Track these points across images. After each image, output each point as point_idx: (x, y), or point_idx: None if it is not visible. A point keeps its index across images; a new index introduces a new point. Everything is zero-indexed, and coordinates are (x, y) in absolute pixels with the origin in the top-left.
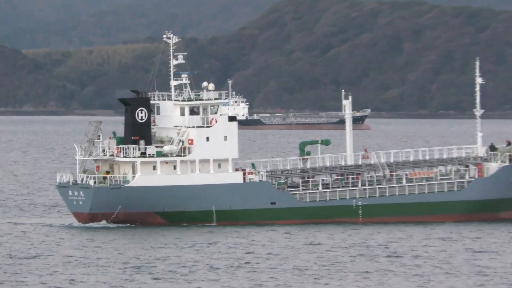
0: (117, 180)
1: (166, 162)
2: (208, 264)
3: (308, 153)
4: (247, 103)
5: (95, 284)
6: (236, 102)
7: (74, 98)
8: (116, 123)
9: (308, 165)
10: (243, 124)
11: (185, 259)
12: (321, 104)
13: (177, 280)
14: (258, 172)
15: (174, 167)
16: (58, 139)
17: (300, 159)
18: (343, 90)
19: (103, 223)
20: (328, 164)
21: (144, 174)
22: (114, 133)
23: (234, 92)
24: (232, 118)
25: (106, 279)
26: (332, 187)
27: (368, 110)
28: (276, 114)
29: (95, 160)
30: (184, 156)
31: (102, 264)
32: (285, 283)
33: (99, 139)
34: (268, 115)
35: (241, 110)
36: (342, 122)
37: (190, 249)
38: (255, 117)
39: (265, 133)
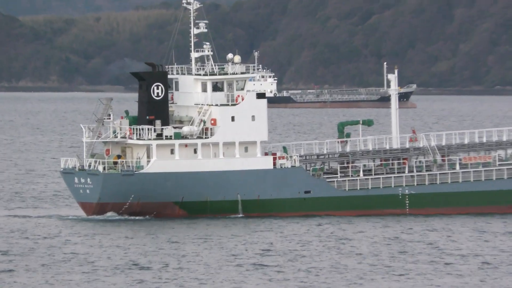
0: (129, 166)
1: (186, 145)
2: (233, 263)
3: (348, 135)
4: (276, 78)
5: None
6: (263, 77)
7: (79, 71)
8: (128, 100)
9: (348, 149)
10: (271, 102)
11: (207, 259)
12: (360, 79)
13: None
14: (290, 156)
15: (195, 151)
16: (60, 119)
17: (338, 141)
18: (385, 63)
19: (112, 214)
20: (370, 147)
21: (161, 158)
22: (126, 112)
23: (260, 65)
24: (261, 95)
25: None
26: (375, 174)
27: (414, 86)
28: (309, 91)
29: (105, 142)
30: (206, 138)
31: (114, 267)
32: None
33: (110, 118)
34: (299, 91)
35: (269, 86)
36: (384, 99)
37: (215, 245)
38: (284, 94)
39: (296, 112)
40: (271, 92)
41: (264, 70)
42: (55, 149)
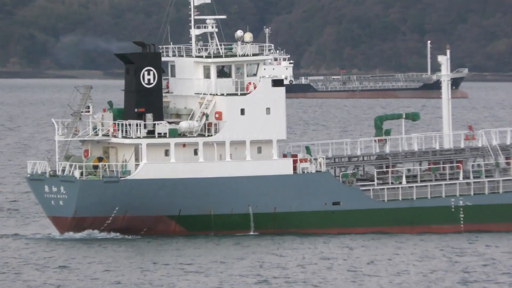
0: (113, 171)
1: (184, 145)
2: None
3: (387, 132)
4: (292, 62)
5: None
6: (275, 59)
7: (46, 53)
8: (112, 89)
9: (387, 149)
10: (286, 90)
11: None
12: (398, 62)
13: None
14: (315, 159)
15: (195, 152)
16: (24, 112)
17: (375, 140)
18: (429, 42)
19: (92, 232)
20: (416, 147)
21: (152, 161)
22: (110, 103)
23: (272, 45)
24: (277, 83)
25: None
26: (422, 181)
27: (465, 71)
28: (334, 77)
29: (83, 142)
30: (209, 136)
31: None
32: None
33: (88, 112)
34: (321, 78)
35: (283, 71)
36: (427, 87)
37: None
38: (302, 81)
39: (319, 103)
40: (286, 78)
41: (277, 52)
42: (17, 151)
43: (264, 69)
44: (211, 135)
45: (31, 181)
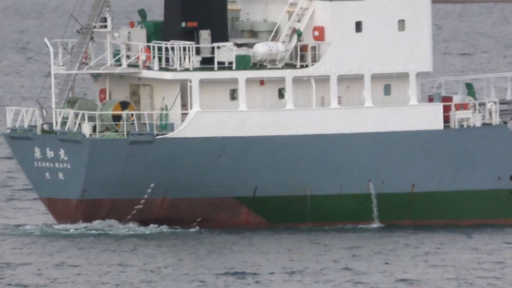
0: (145, 123)
1: (262, 82)
2: None
3: None
4: None
5: None
6: None
7: None
8: None
9: None
10: None
11: None
12: None
13: None
14: (481, 104)
15: (280, 94)
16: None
17: None
18: None
19: (110, 224)
20: None
21: (210, 109)
22: (141, 13)
23: None
24: None
25: None
26: None
27: None
28: None
29: (96, 76)
30: (303, 67)
31: None
32: None
33: (106, 27)
34: None
35: None
36: None
37: None
38: None
39: (480, 11)
40: None
41: None
42: None
43: None
44: (307, 66)
45: (12, 141)
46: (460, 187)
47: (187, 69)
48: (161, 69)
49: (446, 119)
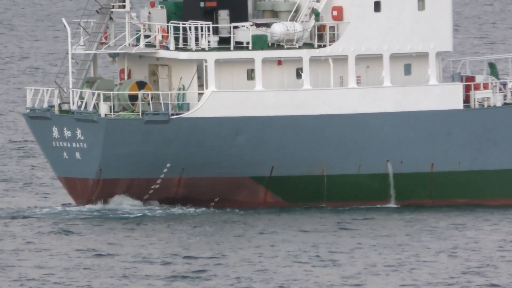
0: (161, 103)
1: (279, 62)
2: None
3: None
4: None
5: None
6: None
7: None
8: None
9: None
10: None
11: None
12: None
13: None
14: (503, 84)
15: (298, 74)
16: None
17: None
18: None
19: (128, 203)
20: None
21: (226, 89)
22: None
23: None
24: None
25: None
26: None
27: None
28: None
29: (113, 56)
30: (321, 47)
31: None
32: None
33: (124, 7)
34: None
35: None
36: None
37: None
38: None
39: None
40: None
41: None
42: (15, 72)
43: None
44: (325, 46)
45: (31, 120)
46: (479, 167)
47: (203, 49)
48: (177, 49)
49: (468, 99)
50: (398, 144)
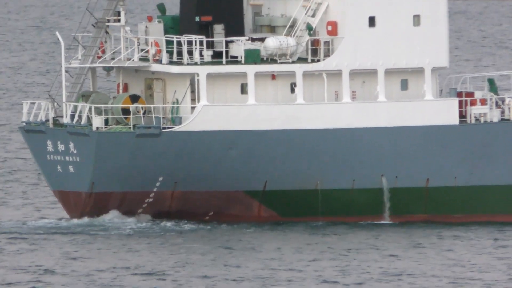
0: (153, 117)
1: (273, 77)
2: None
3: None
4: None
5: None
6: None
7: None
8: None
9: None
10: None
11: None
12: None
13: None
14: (501, 99)
15: (292, 88)
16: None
17: None
18: None
19: (120, 217)
20: None
21: (218, 102)
22: (161, 7)
23: None
24: None
25: None
26: None
27: None
28: None
29: (107, 69)
30: (314, 61)
31: None
32: None
33: (119, 21)
34: None
35: None
36: None
37: None
38: None
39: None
40: None
41: None
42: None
43: None
44: (319, 61)
45: (26, 134)
46: (475, 183)
47: (195, 63)
48: (171, 62)
49: (463, 114)
50: (393, 158)
